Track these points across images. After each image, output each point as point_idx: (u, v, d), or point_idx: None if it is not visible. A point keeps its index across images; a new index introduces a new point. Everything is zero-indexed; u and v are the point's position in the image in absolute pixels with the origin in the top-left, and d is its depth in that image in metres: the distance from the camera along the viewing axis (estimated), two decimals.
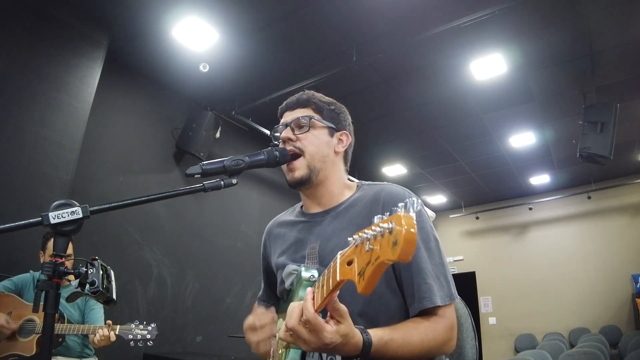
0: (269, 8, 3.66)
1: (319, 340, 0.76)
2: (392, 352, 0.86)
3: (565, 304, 7.35)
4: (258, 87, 4.66)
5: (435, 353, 0.95)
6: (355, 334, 0.81)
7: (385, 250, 0.56)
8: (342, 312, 0.77)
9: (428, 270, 0.99)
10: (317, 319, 0.75)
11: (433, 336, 0.93)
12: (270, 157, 1.06)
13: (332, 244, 1.07)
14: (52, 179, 3.21)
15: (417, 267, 0.99)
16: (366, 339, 0.82)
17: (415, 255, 1.00)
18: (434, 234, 1.06)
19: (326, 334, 0.75)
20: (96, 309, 2.61)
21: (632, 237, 7.13)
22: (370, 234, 0.60)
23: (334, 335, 0.76)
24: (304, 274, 0.95)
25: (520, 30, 3.89)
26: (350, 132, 1.22)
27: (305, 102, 1.18)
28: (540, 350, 4.43)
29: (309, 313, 0.76)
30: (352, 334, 0.79)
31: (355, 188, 1.18)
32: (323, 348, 0.78)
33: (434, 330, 0.94)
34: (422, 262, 0.99)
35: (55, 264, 0.87)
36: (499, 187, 7.91)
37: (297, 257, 1.13)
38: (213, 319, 4.95)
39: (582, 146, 4.52)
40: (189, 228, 4.89)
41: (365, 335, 0.83)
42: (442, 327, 0.95)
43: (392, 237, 0.55)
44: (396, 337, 0.87)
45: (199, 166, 0.98)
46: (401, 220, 0.55)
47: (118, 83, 4.35)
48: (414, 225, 0.55)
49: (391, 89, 4.84)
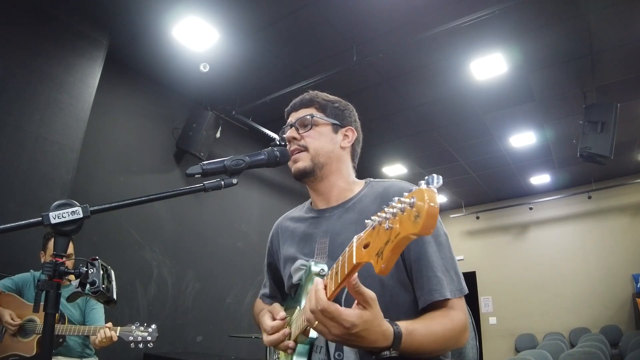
0: (269, 8, 3.66)
1: (340, 326, 0.75)
2: (417, 342, 0.85)
3: (565, 304, 7.35)
4: (258, 87, 4.66)
5: (454, 344, 0.95)
6: (383, 323, 0.78)
7: (406, 225, 0.55)
8: (367, 296, 0.75)
9: (438, 264, 1.00)
10: (331, 305, 0.74)
11: (451, 326, 0.93)
12: (271, 157, 1.06)
13: (341, 239, 1.07)
14: (52, 179, 3.21)
15: (426, 261, 1.00)
16: (396, 330, 0.80)
17: (425, 249, 1.01)
18: (443, 229, 1.07)
19: (345, 318, 0.74)
20: (97, 308, 2.61)
21: (632, 237, 7.12)
22: (390, 213, 0.59)
23: (355, 320, 0.74)
24: (313, 268, 0.96)
25: (521, 29, 3.89)
26: (357, 128, 1.24)
27: (308, 102, 1.20)
28: (540, 350, 4.42)
29: (322, 301, 0.74)
30: (378, 322, 0.77)
31: (364, 184, 1.20)
32: (346, 335, 0.76)
33: (451, 320, 0.94)
34: (432, 255, 1.00)
35: (55, 263, 0.87)
36: (499, 187, 7.91)
37: (306, 252, 1.14)
38: (213, 319, 4.95)
39: (582, 146, 4.51)
40: (189, 228, 4.89)
41: (395, 327, 0.81)
42: (458, 318, 0.95)
43: (413, 211, 0.54)
44: (419, 327, 0.86)
45: (199, 166, 0.98)
46: (424, 194, 0.54)
47: (118, 83, 4.35)
48: (436, 199, 0.54)
49: (391, 89, 4.84)
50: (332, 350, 0.99)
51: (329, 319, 0.75)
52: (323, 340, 1.01)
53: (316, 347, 1.02)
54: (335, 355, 0.98)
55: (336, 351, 0.98)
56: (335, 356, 0.98)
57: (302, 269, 1.10)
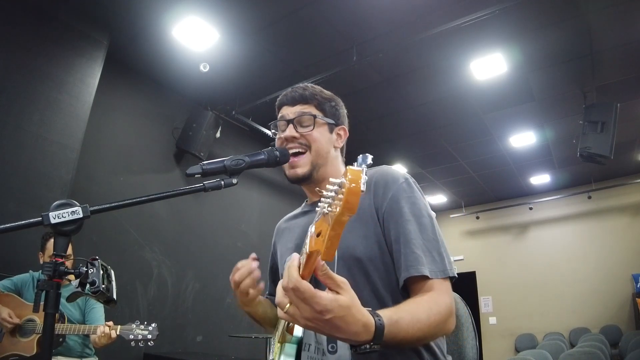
0: (269, 8, 3.66)
1: (312, 309, 0.66)
2: (404, 332, 0.78)
3: (565, 304, 7.35)
4: (258, 87, 4.66)
5: (440, 330, 0.89)
6: (363, 313, 0.71)
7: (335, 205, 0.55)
8: (338, 281, 0.69)
9: (418, 243, 0.96)
10: (304, 283, 0.66)
11: (437, 310, 0.86)
12: (271, 157, 1.06)
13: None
14: (52, 178, 3.21)
15: (405, 239, 0.96)
16: (378, 322, 0.73)
17: (405, 228, 0.98)
18: (428, 211, 1.03)
19: (318, 300, 0.66)
20: (97, 308, 2.61)
21: (632, 237, 7.12)
22: (329, 197, 0.58)
23: (328, 303, 0.66)
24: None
25: (521, 29, 3.89)
26: (346, 125, 1.23)
27: (307, 98, 1.15)
28: (540, 350, 4.42)
29: (294, 278, 0.66)
30: (356, 309, 0.70)
31: None
32: (319, 322, 0.68)
33: (436, 304, 0.87)
34: (411, 234, 0.97)
35: (55, 263, 0.87)
36: (499, 187, 7.91)
37: (299, 244, 1.13)
38: (213, 318, 4.95)
39: (582, 146, 4.51)
40: (189, 228, 4.89)
41: (377, 318, 0.74)
42: (443, 301, 0.89)
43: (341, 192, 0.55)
44: (403, 315, 0.80)
45: (199, 166, 0.98)
46: (347, 173, 0.54)
47: (118, 83, 4.35)
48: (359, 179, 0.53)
49: (391, 88, 4.84)
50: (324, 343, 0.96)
51: (301, 300, 0.66)
52: (312, 337, 0.99)
53: (305, 345, 1.00)
54: (328, 348, 0.94)
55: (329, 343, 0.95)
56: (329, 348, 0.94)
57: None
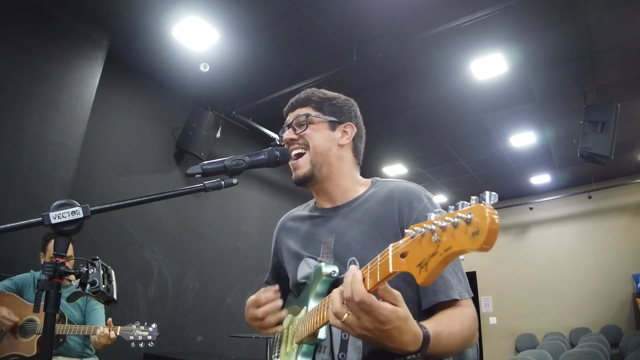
0: (269, 8, 3.66)
1: (375, 320, 0.71)
2: (443, 344, 0.82)
3: (565, 304, 7.35)
4: (258, 87, 4.66)
5: (469, 343, 0.92)
6: (414, 325, 0.75)
7: (460, 240, 0.56)
8: (395, 294, 0.73)
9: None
10: (370, 296, 0.70)
11: (468, 325, 0.91)
12: (271, 157, 1.06)
13: (346, 239, 1.06)
14: (52, 179, 3.21)
15: None
16: (425, 333, 0.77)
17: None
18: None
19: (382, 312, 0.70)
20: (97, 309, 2.61)
21: (632, 237, 7.12)
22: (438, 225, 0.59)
23: (391, 314, 0.71)
24: (324, 270, 0.95)
25: (521, 30, 3.89)
26: (358, 123, 1.21)
27: (303, 101, 1.18)
28: (540, 350, 4.42)
29: (360, 292, 0.70)
30: (411, 321, 0.74)
31: (370, 184, 1.18)
32: (378, 332, 0.72)
33: (467, 319, 0.92)
34: None
35: (56, 263, 0.87)
36: (499, 187, 7.90)
37: (311, 251, 1.13)
38: (213, 319, 4.95)
39: (582, 146, 4.51)
40: (189, 228, 4.89)
41: (424, 329, 0.77)
42: (470, 316, 0.93)
43: (470, 228, 0.55)
44: (443, 328, 0.83)
45: (200, 166, 0.98)
46: (484, 211, 0.54)
47: (118, 83, 4.35)
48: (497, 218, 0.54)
49: (391, 88, 4.84)
50: (336, 350, 0.98)
51: (364, 312, 0.71)
52: (328, 340, 1.01)
53: (320, 347, 1.02)
54: (339, 356, 0.97)
55: (340, 352, 0.97)
56: (339, 356, 0.97)
57: (310, 268, 1.09)
